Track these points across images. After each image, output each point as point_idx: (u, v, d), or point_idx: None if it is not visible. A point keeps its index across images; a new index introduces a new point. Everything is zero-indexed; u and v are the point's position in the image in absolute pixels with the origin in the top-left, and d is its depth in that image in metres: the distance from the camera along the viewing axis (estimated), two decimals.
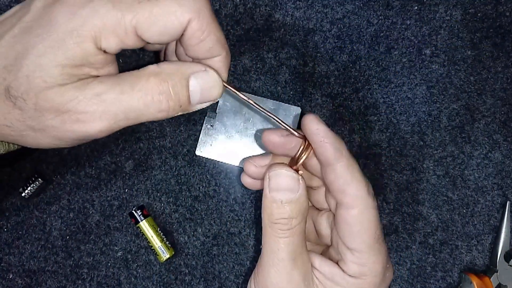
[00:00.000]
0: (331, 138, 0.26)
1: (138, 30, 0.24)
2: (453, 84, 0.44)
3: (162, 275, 0.42)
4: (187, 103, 0.26)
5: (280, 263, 0.26)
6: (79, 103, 0.24)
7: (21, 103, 0.25)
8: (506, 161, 0.44)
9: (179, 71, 0.25)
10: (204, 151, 0.42)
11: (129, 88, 0.25)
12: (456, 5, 0.45)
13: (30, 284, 0.41)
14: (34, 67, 0.24)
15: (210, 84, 0.26)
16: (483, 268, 0.43)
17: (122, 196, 0.42)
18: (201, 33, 0.25)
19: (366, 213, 0.26)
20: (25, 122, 0.25)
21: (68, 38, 0.24)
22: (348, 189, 0.26)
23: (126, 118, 0.25)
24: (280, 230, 0.26)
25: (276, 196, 0.26)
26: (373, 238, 0.26)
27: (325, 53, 0.44)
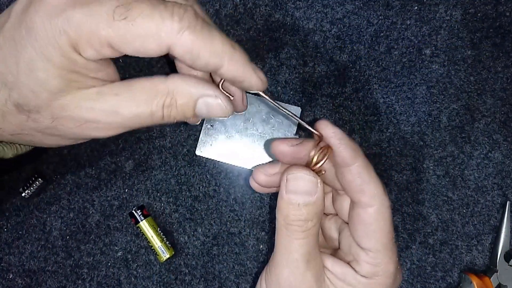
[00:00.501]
0: (347, 140, 0.27)
1: (114, 46, 0.24)
2: (453, 84, 0.44)
3: (162, 275, 0.42)
4: (192, 117, 0.27)
5: (294, 264, 0.27)
6: (97, 115, 0.25)
7: (35, 115, 0.25)
8: (506, 161, 0.44)
9: (188, 92, 0.26)
10: (204, 151, 0.42)
11: (144, 104, 0.25)
12: (456, 5, 0.45)
13: (30, 284, 0.41)
14: (34, 82, 0.24)
15: (217, 110, 0.27)
16: (483, 268, 0.43)
17: (122, 196, 0.42)
18: (189, 54, 0.24)
19: (383, 211, 0.27)
20: (43, 131, 0.27)
21: (50, 48, 0.23)
22: (366, 188, 0.27)
23: (139, 126, 0.27)
24: (296, 232, 0.26)
25: (293, 198, 0.26)
26: (388, 237, 0.27)
27: (325, 53, 0.44)
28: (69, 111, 0.25)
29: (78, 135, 0.27)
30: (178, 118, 0.27)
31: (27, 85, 0.24)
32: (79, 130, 0.26)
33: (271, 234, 0.42)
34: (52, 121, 0.26)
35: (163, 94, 0.26)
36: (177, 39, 0.23)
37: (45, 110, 0.25)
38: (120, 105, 0.25)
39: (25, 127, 0.26)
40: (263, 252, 0.42)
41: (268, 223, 0.42)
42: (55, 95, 0.25)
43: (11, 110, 0.25)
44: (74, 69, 0.24)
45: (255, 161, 0.42)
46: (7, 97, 0.25)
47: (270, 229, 0.42)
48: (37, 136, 0.27)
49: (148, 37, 0.23)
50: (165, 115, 0.26)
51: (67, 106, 0.25)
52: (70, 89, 0.25)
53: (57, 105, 0.25)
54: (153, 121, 0.26)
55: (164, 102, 0.26)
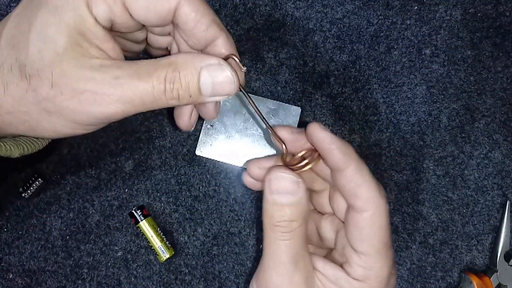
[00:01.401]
0: (338, 144, 0.26)
1: (126, 2, 0.24)
2: (453, 84, 0.44)
3: (162, 275, 0.42)
4: (198, 94, 0.26)
5: (281, 266, 0.26)
6: (97, 84, 0.24)
7: (36, 81, 0.25)
8: (506, 161, 0.44)
9: (191, 62, 0.26)
10: (204, 151, 0.42)
11: (146, 75, 0.25)
12: (456, 5, 0.45)
13: (30, 284, 0.41)
14: (42, 40, 0.24)
15: (222, 78, 0.26)
16: (483, 268, 0.43)
17: (122, 196, 0.42)
18: (194, 14, 0.25)
19: (378, 216, 0.26)
20: (40, 104, 0.25)
21: (64, 5, 0.24)
22: (359, 192, 0.26)
23: (141, 103, 0.25)
24: (281, 233, 0.26)
25: (276, 198, 0.26)
26: (382, 242, 0.26)
27: (325, 53, 0.44)
28: (69, 78, 0.24)
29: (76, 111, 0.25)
30: (183, 95, 0.26)
31: (35, 43, 0.24)
32: (76, 103, 0.25)
33: None
34: (50, 89, 0.25)
35: (165, 66, 0.25)
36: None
37: (46, 74, 0.24)
38: (121, 76, 0.25)
39: (24, 101, 0.25)
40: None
41: None
42: (59, 56, 0.24)
43: (15, 76, 0.25)
44: (82, 30, 0.25)
45: None
46: (14, 61, 0.25)
47: None
48: (34, 115, 0.26)
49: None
50: (167, 88, 0.25)
51: (68, 72, 0.25)
52: (75, 54, 0.25)
53: (58, 70, 0.25)
54: (155, 96, 0.25)
55: (166, 74, 0.25)
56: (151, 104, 0.26)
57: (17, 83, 0.25)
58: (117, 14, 0.25)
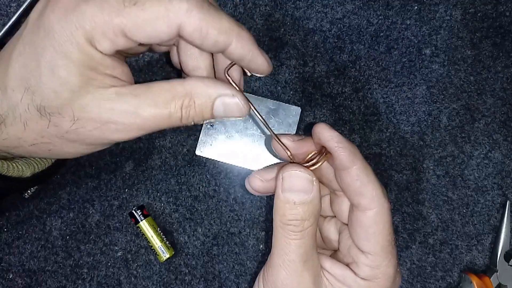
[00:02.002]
0: (345, 143, 0.27)
1: (127, 33, 0.25)
2: (453, 84, 0.44)
3: (162, 275, 0.42)
4: (210, 118, 0.28)
5: (290, 264, 0.26)
6: (117, 115, 0.26)
7: (57, 118, 0.26)
8: (506, 161, 0.44)
9: (206, 92, 0.27)
10: (204, 151, 0.42)
11: (163, 105, 0.26)
12: (456, 5, 0.45)
13: (30, 284, 0.41)
14: (56, 82, 0.25)
15: (234, 109, 0.27)
16: (483, 268, 0.43)
17: (122, 196, 0.42)
18: (198, 33, 0.25)
19: (382, 214, 0.26)
20: (63, 136, 0.27)
21: (69, 45, 0.24)
22: (365, 191, 0.26)
23: (157, 127, 0.27)
24: (292, 232, 0.26)
25: (289, 197, 0.26)
26: (387, 240, 0.27)
27: (325, 53, 0.44)
28: (89, 112, 0.26)
29: (98, 138, 0.27)
30: (196, 120, 0.27)
31: (49, 85, 0.25)
32: (99, 132, 0.26)
33: (271, 234, 0.42)
34: (72, 124, 0.26)
35: (182, 95, 0.26)
36: (186, 18, 0.24)
37: (66, 111, 0.25)
38: (140, 106, 0.26)
39: (46, 134, 0.27)
40: (263, 252, 0.42)
41: (268, 223, 0.42)
42: (75, 94, 0.25)
43: (33, 115, 0.26)
44: (92, 65, 0.25)
45: (255, 161, 0.42)
46: (30, 102, 0.26)
47: (270, 229, 0.42)
48: (57, 144, 0.27)
49: (158, 19, 0.24)
50: (183, 116, 0.26)
51: (88, 106, 0.26)
52: (90, 88, 0.25)
53: (77, 106, 0.25)
54: (171, 122, 0.27)
55: (183, 103, 0.26)
56: (166, 127, 0.27)
57: (37, 121, 0.26)
58: (120, 44, 0.25)
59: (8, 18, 0.42)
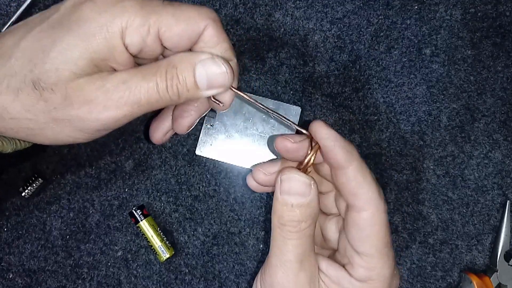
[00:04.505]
0: (341, 142, 0.27)
1: (160, 30, 0.26)
2: (453, 83, 0.44)
3: (162, 275, 0.42)
4: (195, 88, 0.27)
5: (287, 265, 0.27)
6: (107, 91, 0.26)
7: (48, 94, 0.26)
8: (506, 161, 0.44)
9: (187, 58, 0.27)
10: (204, 151, 0.42)
11: (149, 75, 0.26)
12: (456, 5, 0.45)
13: (30, 283, 0.41)
14: (63, 60, 0.25)
15: (216, 71, 0.27)
16: (483, 267, 0.43)
17: (122, 195, 0.42)
18: (216, 38, 0.28)
19: (377, 216, 0.26)
20: (49, 113, 0.26)
21: (98, 32, 0.25)
22: (360, 192, 0.26)
23: (147, 102, 0.27)
24: (289, 232, 0.27)
25: (287, 199, 0.26)
26: (382, 242, 0.27)
27: (325, 52, 0.44)
28: (81, 90, 0.26)
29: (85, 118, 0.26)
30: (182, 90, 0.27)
31: (54, 61, 0.25)
32: (86, 111, 0.26)
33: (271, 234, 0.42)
34: (62, 101, 0.26)
35: (165, 65, 0.27)
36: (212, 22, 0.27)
37: (60, 89, 0.26)
38: (128, 78, 0.26)
39: (33, 109, 0.26)
40: (263, 251, 0.42)
41: (268, 222, 0.42)
42: (75, 75, 0.26)
43: (27, 86, 0.26)
44: (107, 57, 0.26)
45: (255, 161, 0.42)
46: (28, 72, 0.26)
47: (270, 229, 0.42)
48: (40, 122, 0.27)
49: (190, 20, 0.27)
50: (168, 85, 0.26)
51: (81, 85, 0.26)
52: (91, 73, 0.26)
53: (72, 85, 0.26)
54: (160, 94, 0.27)
55: (167, 71, 0.26)
56: (156, 103, 0.27)
57: (28, 93, 0.26)
58: (148, 43, 0.27)
59: (8, 18, 0.42)
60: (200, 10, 0.27)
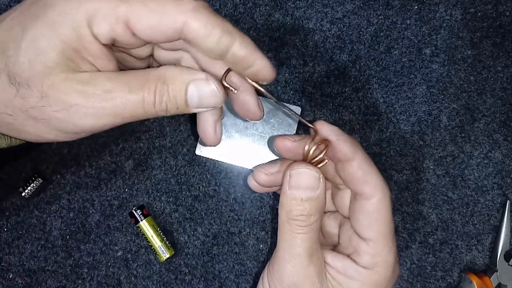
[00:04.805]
0: (345, 136, 0.28)
1: (130, 21, 0.24)
2: (453, 83, 0.44)
3: (162, 275, 0.42)
4: (185, 106, 0.26)
5: (297, 258, 0.27)
6: (88, 98, 0.24)
7: (25, 90, 0.24)
8: (506, 161, 0.44)
9: (180, 76, 0.26)
10: (204, 151, 0.42)
11: (136, 88, 0.25)
12: (456, 5, 0.45)
13: (30, 283, 0.41)
14: (34, 51, 0.24)
15: (208, 93, 0.26)
16: (483, 267, 0.43)
17: (122, 195, 0.42)
18: (203, 30, 0.25)
19: (385, 201, 0.28)
20: (27, 112, 0.25)
21: (62, 20, 0.24)
22: (368, 179, 0.28)
23: (131, 115, 0.26)
24: (299, 227, 0.27)
25: (296, 193, 0.27)
26: (388, 227, 0.28)
27: (325, 52, 0.44)
28: (59, 91, 0.24)
29: (65, 121, 0.25)
30: (170, 107, 0.26)
31: (25, 53, 0.24)
32: (65, 115, 0.25)
33: (271, 233, 0.42)
34: (39, 100, 0.24)
35: (155, 79, 0.25)
36: (192, 15, 0.24)
37: (35, 85, 0.24)
38: (112, 90, 0.25)
39: (11, 105, 0.25)
40: (263, 251, 0.42)
41: (268, 222, 0.42)
42: (49, 70, 0.24)
43: (3, 81, 0.25)
44: (77, 47, 0.24)
45: (255, 161, 0.42)
46: (3, 66, 0.25)
47: (270, 228, 0.42)
48: (19, 119, 0.26)
49: (165, 13, 0.24)
50: (156, 100, 0.25)
51: (58, 85, 0.24)
52: (65, 68, 0.24)
53: (48, 82, 0.24)
54: (145, 109, 0.25)
55: (156, 87, 0.25)
56: (141, 115, 0.26)
57: (4, 88, 0.25)
58: (118, 33, 0.25)
59: None
60: (178, 1, 0.24)
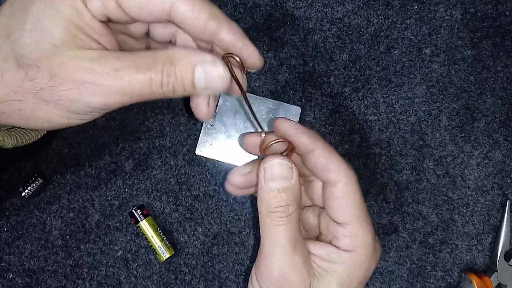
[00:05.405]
0: (303, 129, 0.30)
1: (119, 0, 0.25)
2: (453, 83, 0.44)
3: (162, 275, 0.42)
4: (191, 87, 0.27)
5: (281, 250, 0.28)
6: (97, 75, 0.25)
7: (34, 71, 0.25)
8: (506, 161, 0.44)
9: (187, 57, 0.26)
10: (204, 151, 0.42)
11: (144, 68, 0.25)
12: (456, 5, 0.45)
13: (30, 283, 0.41)
14: (39, 32, 0.24)
15: (215, 75, 0.27)
16: (483, 267, 0.43)
17: (122, 195, 0.42)
18: (190, 13, 0.26)
19: (351, 185, 0.29)
20: (37, 93, 0.25)
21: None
22: (331, 166, 0.29)
23: (139, 94, 0.26)
24: (279, 218, 0.28)
25: (272, 185, 0.28)
26: (359, 208, 0.29)
27: (325, 52, 0.44)
28: (68, 69, 0.25)
29: (74, 100, 0.26)
30: (177, 87, 0.26)
31: (31, 34, 0.25)
32: (75, 93, 0.25)
33: None
34: (49, 80, 0.25)
35: (163, 59, 0.26)
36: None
37: (44, 65, 0.25)
38: (121, 68, 0.25)
39: (20, 90, 0.25)
40: None
41: None
42: (57, 48, 0.25)
43: (11, 65, 0.25)
44: (79, 24, 0.25)
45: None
46: (9, 51, 0.25)
47: None
48: (29, 103, 0.26)
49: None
50: (163, 81, 0.26)
51: (67, 63, 0.25)
52: (73, 46, 0.25)
53: (57, 61, 0.25)
54: (153, 88, 0.26)
55: (163, 68, 0.26)
56: (148, 95, 0.26)
57: (13, 73, 0.25)
58: (110, 10, 0.26)
59: None
60: None
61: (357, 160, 0.43)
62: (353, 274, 0.28)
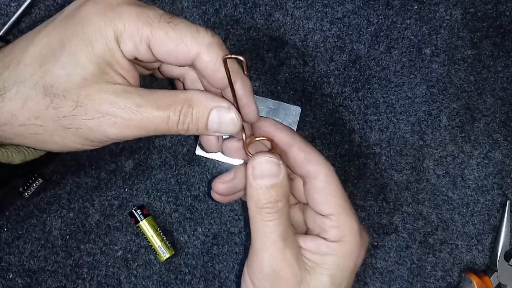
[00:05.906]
0: (281, 125, 0.31)
1: (151, 44, 0.27)
2: (453, 83, 0.44)
3: (162, 275, 0.42)
4: (204, 129, 0.29)
5: (272, 245, 0.28)
6: (119, 109, 0.27)
7: (60, 100, 0.26)
8: (506, 161, 0.44)
9: (205, 101, 0.28)
10: (204, 151, 0.42)
11: (164, 107, 0.27)
12: (456, 5, 0.45)
13: (30, 283, 0.41)
14: (73, 65, 0.26)
15: (228, 121, 0.29)
16: (483, 267, 0.43)
17: (122, 195, 0.42)
18: (212, 64, 0.28)
19: (331, 176, 0.30)
20: (59, 121, 0.27)
21: (98, 36, 0.26)
22: (311, 158, 0.30)
23: (155, 130, 0.28)
24: (269, 214, 0.28)
25: (261, 182, 0.28)
26: (343, 198, 0.30)
27: (325, 52, 0.44)
28: (93, 100, 0.26)
29: (93, 130, 0.27)
30: (191, 127, 0.28)
31: (65, 66, 0.26)
32: (96, 123, 0.27)
33: None
34: (73, 109, 0.26)
35: (182, 101, 0.28)
36: (206, 49, 0.27)
37: (71, 95, 0.26)
38: (142, 104, 0.27)
39: (42, 116, 0.27)
40: None
41: None
42: (86, 81, 0.26)
43: (38, 93, 0.26)
44: (110, 61, 0.27)
45: None
46: (39, 79, 0.26)
47: None
48: (49, 129, 0.27)
49: (182, 42, 0.27)
50: (180, 120, 0.28)
51: (93, 95, 0.27)
52: (100, 80, 0.27)
53: (84, 92, 0.26)
54: (169, 126, 0.28)
55: (182, 108, 0.28)
56: (163, 131, 0.28)
57: (38, 100, 0.26)
58: (141, 52, 0.27)
59: (8, 18, 0.42)
60: (196, 35, 0.27)
61: (357, 160, 0.43)
62: (343, 263, 0.29)
